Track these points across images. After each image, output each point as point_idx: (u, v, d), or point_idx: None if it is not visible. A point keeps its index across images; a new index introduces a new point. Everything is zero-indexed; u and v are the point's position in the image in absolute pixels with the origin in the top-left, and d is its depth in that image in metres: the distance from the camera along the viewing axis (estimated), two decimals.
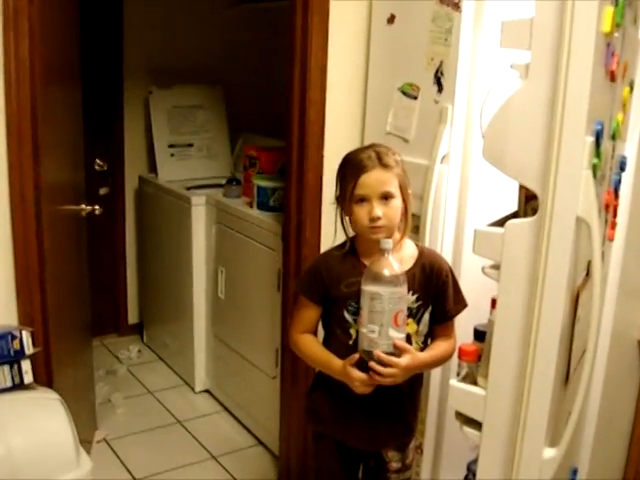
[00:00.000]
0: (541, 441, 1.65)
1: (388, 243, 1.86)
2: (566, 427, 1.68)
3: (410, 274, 1.93)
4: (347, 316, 1.97)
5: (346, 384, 1.94)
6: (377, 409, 2.01)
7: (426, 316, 1.99)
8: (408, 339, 1.93)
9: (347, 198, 1.92)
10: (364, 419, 2.02)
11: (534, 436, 1.66)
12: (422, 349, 1.99)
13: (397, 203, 1.91)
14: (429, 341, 2.03)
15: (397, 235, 1.97)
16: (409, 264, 1.96)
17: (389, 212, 1.90)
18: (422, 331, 2.00)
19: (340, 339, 1.99)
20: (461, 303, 2.03)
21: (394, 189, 1.90)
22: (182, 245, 3.83)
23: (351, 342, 1.97)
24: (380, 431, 2.05)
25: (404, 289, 1.87)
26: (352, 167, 1.92)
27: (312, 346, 2.05)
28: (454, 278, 2.03)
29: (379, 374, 1.86)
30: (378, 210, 1.88)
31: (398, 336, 1.87)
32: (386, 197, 1.89)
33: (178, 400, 3.81)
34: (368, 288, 1.85)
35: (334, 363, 1.97)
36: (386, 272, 1.83)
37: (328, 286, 1.98)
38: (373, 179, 1.88)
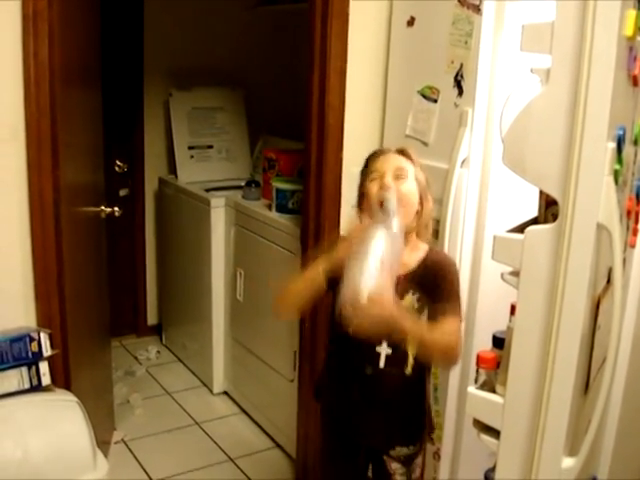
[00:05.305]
0: (560, 450, 1.63)
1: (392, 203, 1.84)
2: (585, 436, 1.65)
3: (411, 274, 1.93)
4: None
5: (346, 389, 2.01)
6: (378, 404, 2.02)
7: (424, 316, 1.96)
8: None
9: (363, 179, 1.98)
10: (367, 414, 2.03)
11: (553, 445, 1.63)
12: None
13: (411, 187, 1.93)
14: None
15: (413, 236, 1.97)
16: (412, 265, 1.95)
17: (402, 188, 1.91)
18: None
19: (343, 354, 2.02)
20: (453, 300, 1.94)
21: (408, 173, 1.94)
22: (201, 247, 3.83)
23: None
24: (382, 426, 2.05)
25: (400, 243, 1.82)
26: (371, 155, 2.02)
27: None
28: (455, 278, 1.97)
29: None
30: (389, 179, 1.90)
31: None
32: (399, 177, 1.92)
33: (196, 401, 3.82)
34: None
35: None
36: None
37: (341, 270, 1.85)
38: (389, 158, 1.97)
